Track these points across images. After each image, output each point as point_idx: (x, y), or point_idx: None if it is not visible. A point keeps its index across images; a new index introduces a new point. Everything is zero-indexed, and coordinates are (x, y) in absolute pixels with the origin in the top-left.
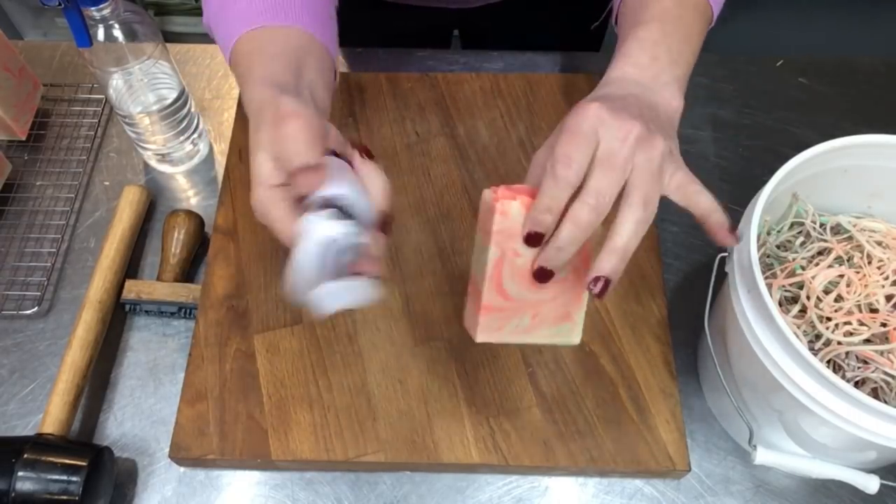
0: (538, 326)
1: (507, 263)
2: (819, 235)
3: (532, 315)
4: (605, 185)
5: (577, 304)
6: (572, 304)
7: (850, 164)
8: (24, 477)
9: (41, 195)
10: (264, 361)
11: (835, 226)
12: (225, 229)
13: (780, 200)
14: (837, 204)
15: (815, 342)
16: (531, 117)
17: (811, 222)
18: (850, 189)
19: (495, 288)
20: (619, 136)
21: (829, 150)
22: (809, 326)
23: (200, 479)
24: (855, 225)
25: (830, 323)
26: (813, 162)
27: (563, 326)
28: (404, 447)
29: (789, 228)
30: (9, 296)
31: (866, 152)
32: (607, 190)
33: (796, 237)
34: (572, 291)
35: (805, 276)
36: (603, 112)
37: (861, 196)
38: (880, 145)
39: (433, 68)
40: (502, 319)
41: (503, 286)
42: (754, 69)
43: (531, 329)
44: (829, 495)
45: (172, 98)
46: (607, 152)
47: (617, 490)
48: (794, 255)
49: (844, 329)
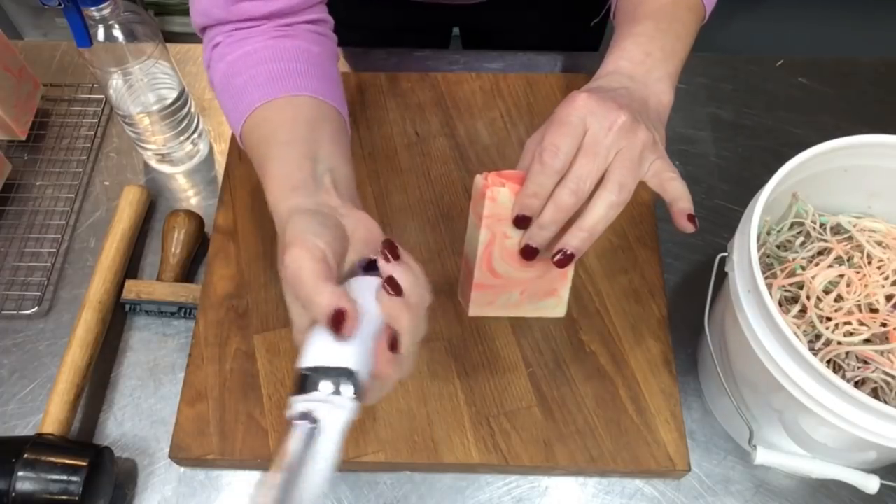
0: (526, 301)
1: (497, 244)
2: (819, 235)
3: (521, 291)
4: (586, 172)
5: (563, 280)
6: (558, 280)
7: (850, 164)
8: (24, 477)
9: (41, 195)
10: (264, 361)
11: (835, 226)
12: (225, 229)
13: (780, 200)
14: (837, 204)
15: (815, 342)
16: (531, 117)
17: (811, 222)
18: (850, 189)
19: (486, 267)
20: (605, 125)
21: (829, 150)
22: (809, 326)
23: (200, 479)
24: (855, 225)
25: (830, 323)
26: (813, 162)
27: (549, 301)
28: (404, 447)
29: (789, 228)
30: (9, 296)
31: (866, 152)
32: (588, 176)
33: (796, 237)
34: (557, 270)
35: (805, 276)
36: (591, 102)
37: (861, 196)
38: (880, 145)
39: (433, 68)
40: (493, 295)
41: (493, 265)
42: (754, 69)
43: (520, 304)
44: (829, 495)
45: (172, 98)
46: (592, 140)
47: (617, 490)
48: (794, 255)
49: (844, 329)
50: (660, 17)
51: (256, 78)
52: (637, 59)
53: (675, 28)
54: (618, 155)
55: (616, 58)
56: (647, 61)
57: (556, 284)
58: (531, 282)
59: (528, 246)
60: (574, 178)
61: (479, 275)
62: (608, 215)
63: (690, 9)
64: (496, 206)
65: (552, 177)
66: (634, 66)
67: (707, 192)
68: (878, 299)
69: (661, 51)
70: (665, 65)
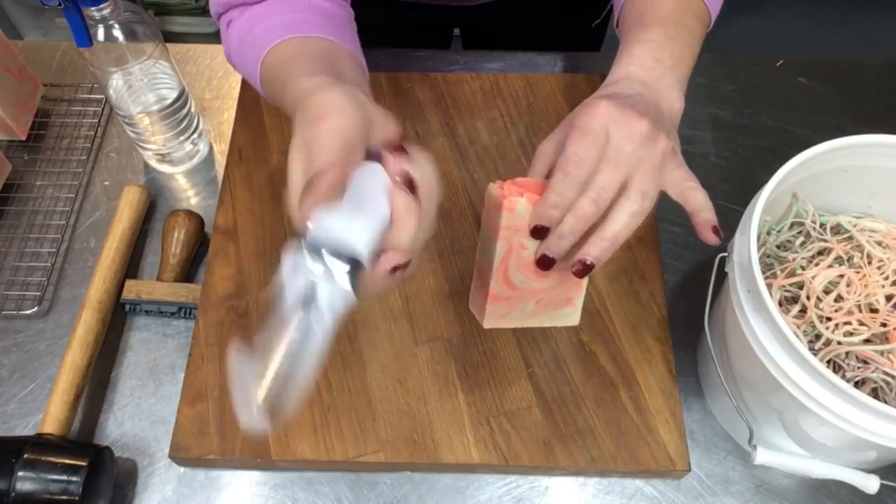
0: (541, 311)
1: (514, 256)
2: (819, 235)
3: (536, 301)
4: (609, 182)
5: (578, 290)
6: (573, 289)
7: (850, 164)
8: (24, 477)
9: (41, 195)
10: None
11: (835, 226)
12: (225, 229)
13: (780, 200)
14: (837, 204)
15: (815, 342)
16: (531, 117)
17: (811, 222)
18: (850, 189)
19: (502, 279)
20: (627, 134)
21: (829, 150)
22: (809, 326)
23: (200, 479)
24: (855, 225)
25: (830, 323)
26: (813, 162)
27: (564, 310)
28: (404, 447)
29: (789, 228)
30: (9, 296)
31: (866, 152)
32: (611, 186)
33: (796, 237)
34: (573, 279)
35: (805, 276)
36: (612, 110)
37: (861, 196)
38: (880, 145)
39: (433, 68)
40: (508, 307)
41: (509, 277)
42: (754, 69)
43: (535, 314)
44: (829, 495)
45: (172, 98)
46: (615, 149)
47: (617, 490)
48: (794, 255)
49: (844, 329)
50: (668, 24)
51: (272, 27)
52: (648, 66)
53: (683, 35)
54: (639, 164)
55: (626, 63)
56: (658, 67)
57: (571, 293)
58: (547, 291)
59: (545, 256)
60: (596, 188)
61: (494, 287)
62: (630, 224)
63: (697, 16)
64: (513, 218)
65: (575, 187)
66: (646, 73)
67: (707, 193)
68: (878, 299)
69: (671, 57)
70: (675, 71)
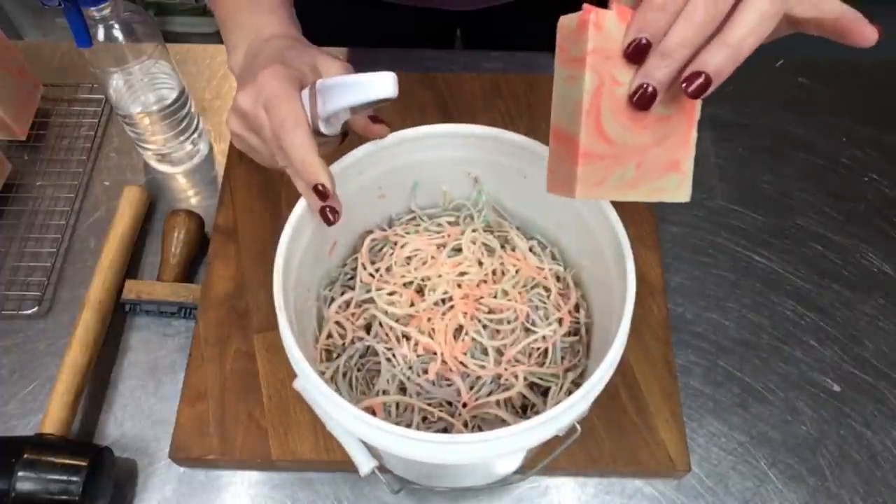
0: (644, 178)
1: (606, 94)
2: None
3: (637, 164)
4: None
5: (686, 149)
6: (680, 149)
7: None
8: (24, 477)
9: (41, 195)
10: (264, 361)
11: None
12: (225, 229)
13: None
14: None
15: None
16: (531, 117)
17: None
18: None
19: (594, 128)
20: None
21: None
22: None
23: (200, 479)
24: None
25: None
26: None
27: (670, 178)
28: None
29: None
30: (9, 296)
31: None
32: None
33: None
34: (679, 133)
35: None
36: None
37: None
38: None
39: (433, 68)
40: (605, 170)
41: (602, 126)
42: (754, 69)
43: (636, 182)
44: (828, 495)
45: (172, 98)
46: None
47: (617, 490)
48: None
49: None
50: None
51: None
52: None
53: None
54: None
55: None
56: None
57: (677, 154)
58: (648, 150)
59: (644, 87)
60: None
61: (586, 140)
62: (760, 29)
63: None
64: (603, 38)
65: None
66: None
67: (707, 193)
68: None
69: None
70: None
